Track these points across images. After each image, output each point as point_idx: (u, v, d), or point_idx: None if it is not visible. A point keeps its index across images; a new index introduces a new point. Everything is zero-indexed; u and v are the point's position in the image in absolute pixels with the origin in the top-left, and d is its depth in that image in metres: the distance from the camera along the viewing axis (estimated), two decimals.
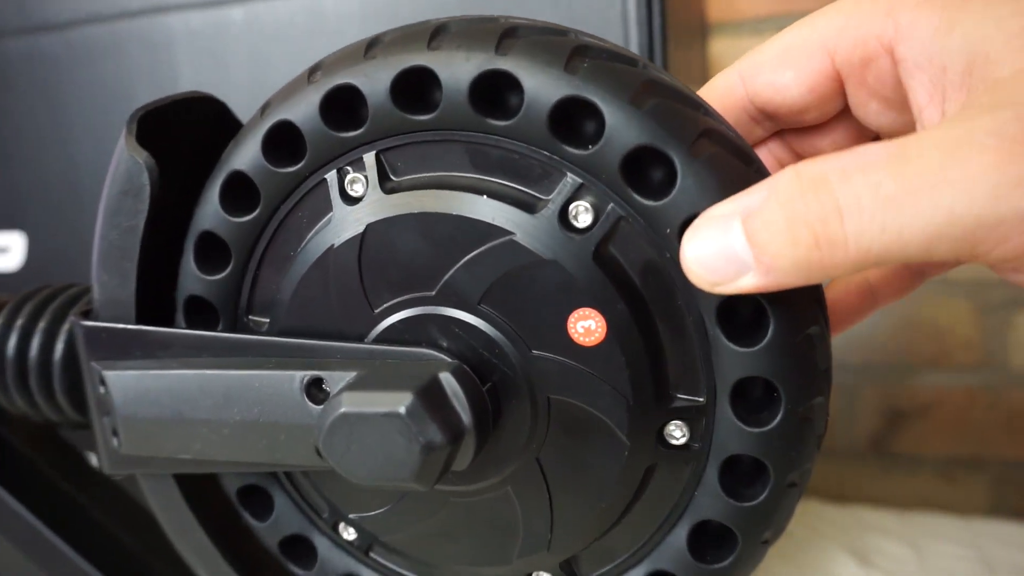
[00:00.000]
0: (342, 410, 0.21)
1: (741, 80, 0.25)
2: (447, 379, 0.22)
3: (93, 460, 0.37)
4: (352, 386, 0.22)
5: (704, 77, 0.57)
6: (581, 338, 0.22)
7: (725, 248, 0.19)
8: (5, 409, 0.32)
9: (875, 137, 0.26)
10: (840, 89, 0.24)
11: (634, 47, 0.40)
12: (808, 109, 0.25)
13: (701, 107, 0.22)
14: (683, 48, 0.48)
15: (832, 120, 0.26)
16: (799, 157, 0.28)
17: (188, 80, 0.52)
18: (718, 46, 0.59)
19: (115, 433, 0.26)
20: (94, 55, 0.54)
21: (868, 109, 0.24)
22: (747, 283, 0.19)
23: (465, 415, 0.21)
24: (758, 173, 0.22)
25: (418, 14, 0.48)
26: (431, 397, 0.21)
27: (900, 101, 0.23)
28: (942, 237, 0.17)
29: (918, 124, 0.22)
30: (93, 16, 0.53)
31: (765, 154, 0.28)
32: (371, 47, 0.23)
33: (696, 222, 0.20)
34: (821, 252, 0.18)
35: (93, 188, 0.55)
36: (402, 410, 0.20)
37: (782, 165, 0.27)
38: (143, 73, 0.53)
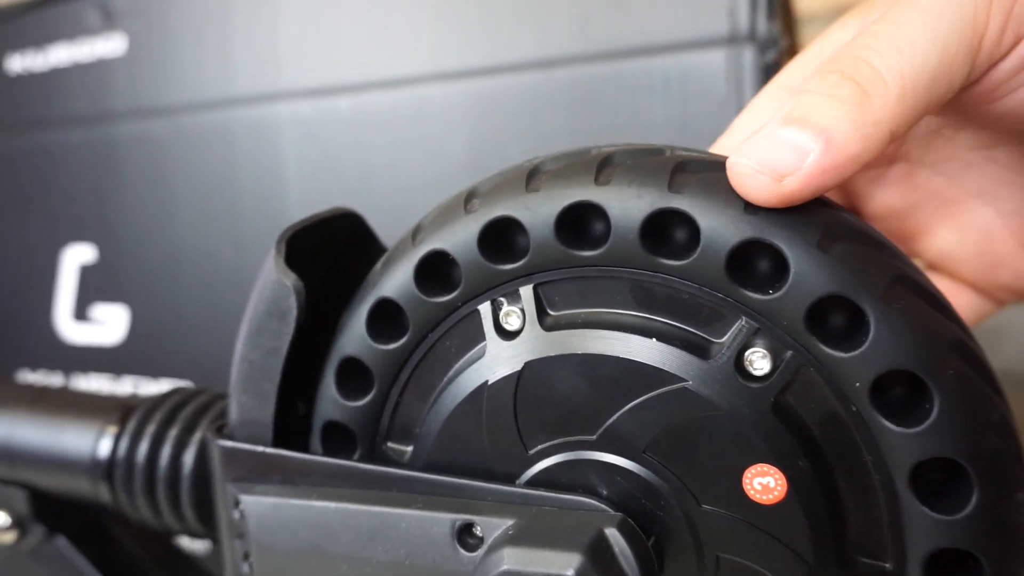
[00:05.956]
0: (504, 567, 0.20)
1: None
2: (614, 536, 0.20)
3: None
4: (513, 540, 0.20)
5: None
6: (758, 496, 0.20)
7: (777, 144, 0.19)
8: (124, 513, 0.32)
9: None
10: None
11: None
12: None
13: (887, 249, 0.21)
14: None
15: None
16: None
17: (293, 167, 0.53)
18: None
19: (247, 558, 0.26)
20: (201, 140, 0.55)
21: None
22: (813, 161, 0.19)
23: None
24: (952, 320, 0.20)
25: (524, 106, 0.48)
26: (600, 558, 0.20)
27: None
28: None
29: None
30: (203, 103, 0.55)
31: None
32: (533, 177, 0.22)
33: (736, 154, 0.20)
34: (869, 98, 0.19)
35: (193, 267, 0.56)
36: (570, 574, 0.19)
37: None
38: (248, 159, 0.54)
